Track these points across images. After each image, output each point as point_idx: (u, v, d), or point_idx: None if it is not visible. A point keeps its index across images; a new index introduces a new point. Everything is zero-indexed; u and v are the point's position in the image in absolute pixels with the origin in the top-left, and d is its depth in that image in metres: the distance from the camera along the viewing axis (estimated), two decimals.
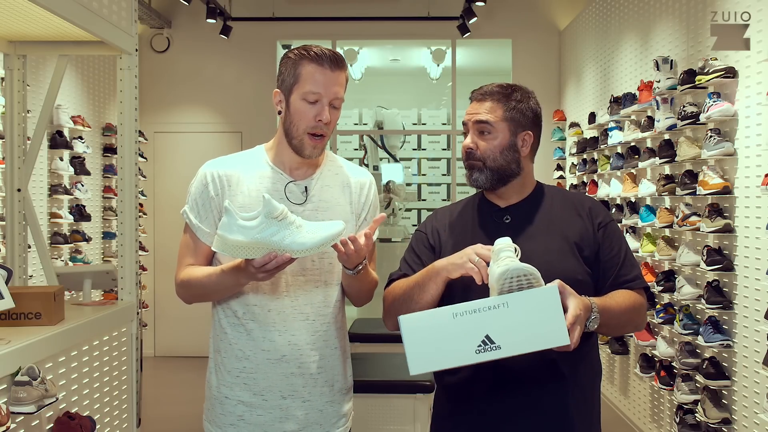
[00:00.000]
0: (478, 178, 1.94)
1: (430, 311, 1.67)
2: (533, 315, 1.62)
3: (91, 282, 3.60)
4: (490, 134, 1.93)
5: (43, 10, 2.86)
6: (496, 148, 1.93)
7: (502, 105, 1.94)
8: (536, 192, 2.01)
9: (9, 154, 3.79)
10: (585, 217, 1.95)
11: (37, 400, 2.50)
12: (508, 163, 1.93)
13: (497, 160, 1.93)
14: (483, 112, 1.93)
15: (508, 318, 1.62)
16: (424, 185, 10.25)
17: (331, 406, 2.01)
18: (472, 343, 1.61)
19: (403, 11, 7.49)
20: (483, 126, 1.93)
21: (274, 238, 1.72)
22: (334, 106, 1.95)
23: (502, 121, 1.93)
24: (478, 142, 1.94)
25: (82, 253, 5.96)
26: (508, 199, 1.98)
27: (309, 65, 1.91)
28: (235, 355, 1.98)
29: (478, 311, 1.62)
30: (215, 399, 2.02)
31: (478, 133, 1.94)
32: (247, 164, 2.02)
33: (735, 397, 3.64)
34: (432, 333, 1.63)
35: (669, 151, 4.24)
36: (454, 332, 1.62)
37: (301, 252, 1.73)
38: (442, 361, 1.64)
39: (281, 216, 1.73)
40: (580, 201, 2.00)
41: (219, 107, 7.66)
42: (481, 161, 1.93)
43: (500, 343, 1.61)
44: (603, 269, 1.92)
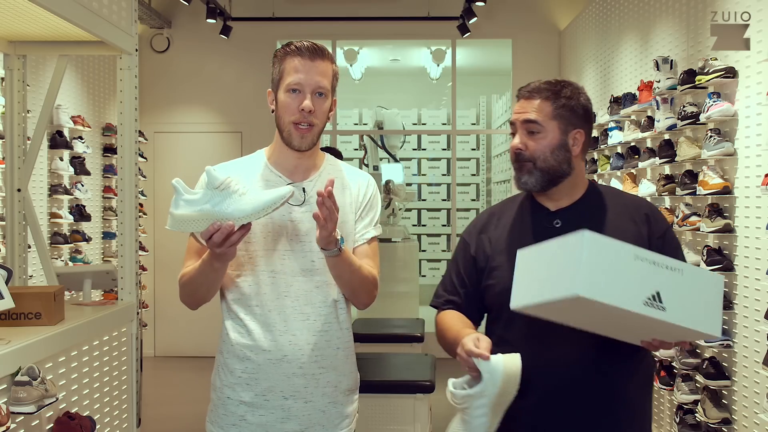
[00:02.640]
0: (528, 181, 1.86)
1: (617, 242, 1.60)
2: (700, 293, 1.60)
3: (91, 282, 3.60)
4: (539, 134, 1.85)
5: (43, 10, 2.86)
6: (546, 148, 1.85)
7: (551, 102, 1.86)
8: (588, 193, 1.93)
9: (9, 154, 3.79)
10: (640, 224, 1.87)
11: (37, 400, 2.50)
12: (559, 164, 1.86)
13: (548, 160, 1.85)
14: (531, 111, 1.86)
15: (680, 285, 1.60)
16: (424, 185, 10.26)
17: (333, 407, 2.01)
18: (643, 292, 1.58)
19: (403, 11, 7.49)
20: (532, 125, 1.85)
21: (216, 208, 1.74)
22: (320, 94, 1.95)
23: (552, 120, 1.85)
24: (528, 142, 1.86)
25: (82, 253, 5.96)
26: (559, 200, 1.90)
27: (290, 59, 1.95)
28: (237, 355, 1.98)
29: (658, 264, 1.60)
30: (218, 399, 2.02)
31: (527, 132, 1.86)
32: (247, 169, 2.04)
33: (735, 397, 3.64)
34: (613, 263, 1.58)
35: (669, 151, 4.24)
36: (632, 272, 1.58)
37: (243, 218, 1.74)
38: (612, 295, 1.56)
39: (223, 186, 1.75)
40: (637, 206, 1.92)
41: (219, 107, 7.66)
42: (531, 162, 1.85)
43: (666, 305, 1.58)
44: None
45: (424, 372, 3.87)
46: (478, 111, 10.23)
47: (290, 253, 1.96)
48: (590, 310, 1.60)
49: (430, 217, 10.25)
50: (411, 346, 4.81)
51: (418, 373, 3.87)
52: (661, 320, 1.58)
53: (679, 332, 1.64)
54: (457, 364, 1.81)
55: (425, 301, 8.21)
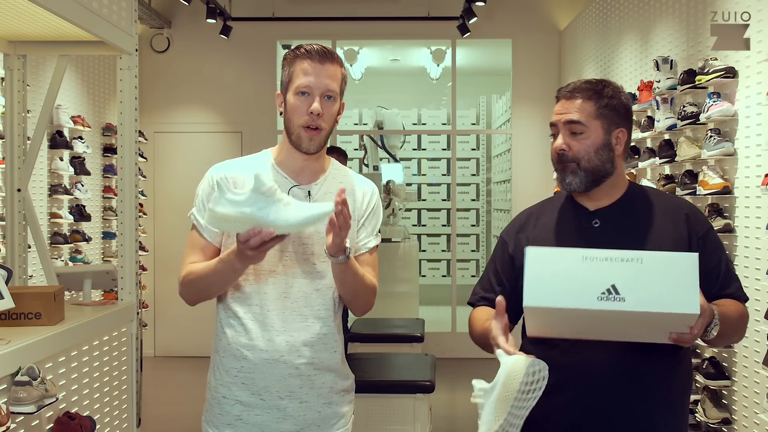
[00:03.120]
0: (572, 182, 1.85)
1: (561, 250, 1.65)
2: (667, 276, 1.58)
3: (91, 282, 3.60)
4: (582, 134, 1.84)
5: (43, 10, 2.86)
6: (590, 148, 1.84)
7: (593, 102, 1.85)
8: (628, 194, 1.92)
9: (9, 154, 3.79)
10: (681, 224, 1.85)
11: (37, 400, 2.50)
12: (603, 163, 1.85)
13: (592, 160, 1.84)
14: (574, 111, 1.85)
15: (639, 273, 1.59)
16: (424, 185, 10.26)
17: (329, 408, 2.01)
18: (596, 289, 1.59)
19: (403, 11, 7.48)
20: (575, 126, 1.84)
21: (259, 213, 1.72)
22: (328, 97, 1.96)
23: (595, 119, 1.84)
24: (571, 143, 1.85)
25: (82, 253, 5.96)
26: (598, 200, 1.89)
27: (300, 62, 1.96)
28: (234, 354, 1.98)
29: (610, 260, 1.60)
30: (213, 399, 2.02)
31: (570, 133, 1.85)
32: (253, 167, 2.03)
33: (735, 397, 3.64)
34: (557, 269, 1.61)
35: (669, 151, 4.24)
36: (581, 275, 1.60)
37: (285, 228, 1.73)
38: (560, 299, 1.60)
39: (269, 192, 1.73)
40: (677, 206, 1.90)
41: (219, 107, 7.66)
42: (575, 162, 1.84)
43: (625, 296, 1.58)
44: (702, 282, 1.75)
45: (424, 372, 3.87)
46: (478, 111, 10.23)
47: (293, 255, 1.97)
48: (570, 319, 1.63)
49: (430, 217, 10.25)
50: (411, 346, 4.81)
51: (418, 373, 3.87)
52: (626, 311, 1.58)
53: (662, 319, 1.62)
54: (457, 365, 1.81)
55: (425, 301, 8.29)
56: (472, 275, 9.93)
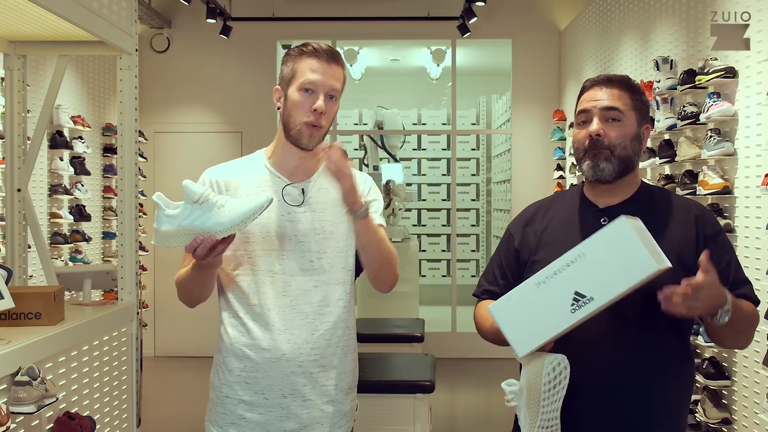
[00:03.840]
0: (605, 168, 1.81)
1: (515, 291, 1.66)
2: (612, 254, 1.59)
3: (91, 282, 3.60)
4: (620, 122, 1.82)
5: (43, 10, 2.86)
6: (626, 137, 1.82)
7: (628, 94, 1.84)
8: (639, 193, 1.90)
9: (9, 154, 3.79)
10: (690, 226, 1.83)
11: (37, 400, 2.50)
12: (634, 154, 1.84)
13: (627, 149, 1.82)
14: (612, 99, 1.82)
15: (589, 267, 1.60)
16: (424, 185, 10.26)
17: (332, 405, 2.01)
18: (565, 305, 1.60)
19: (403, 11, 7.49)
20: (614, 112, 1.82)
21: (196, 223, 1.76)
22: (331, 96, 1.98)
23: (631, 110, 1.83)
24: (607, 130, 1.81)
25: (82, 253, 5.96)
26: (611, 198, 1.87)
27: (306, 59, 1.97)
28: (236, 354, 1.98)
29: (559, 272, 1.61)
30: (217, 398, 2.03)
31: (605, 120, 1.82)
32: (246, 169, 2.05)
33: (735, 397, 3.64)
34: (524, 310, 1.63)
35: (669, 151, 4.24)
36: (545, 301, 1.61)
37: (223, 231, 1.76)
38: (544, 332, 1.62)
39: (201, 199, 1.76)
40: (687, 208, 1.87)
41: (219, 107, 7.66)
42: (609, 150, 1.81)
43: (592, 295, 1.59)
44: None
45: (424, 372, 3.87)
46: (478, 111, 10.23)
47: (289, 253, 1.97)
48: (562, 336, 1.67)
49: (430, 217, 10.25)
50: (411, 346, 4.81)
51: (418, 373, 3.87)
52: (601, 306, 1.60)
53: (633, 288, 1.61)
54: (457, 365, 1.81)
55: (425, 301, 8.29)
56: (472, 275, 9.93)
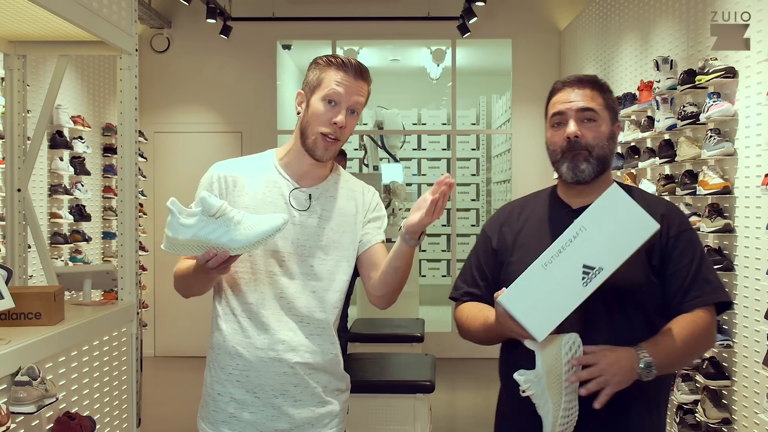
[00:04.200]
0: (585, 169, 1.81)
1: (522, 277, 1.65)
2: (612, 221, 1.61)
3: (91, 282, 3.60)
4: (595, 122, 1.82)
5: (43, 10, 2.86)
6: (603, 136, 1.82)
7: (600, 93, 1.85)
8: None
9: (9, 154, 3.79)
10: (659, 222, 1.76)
11: (37, 400, 2.50)
12: (609, 153, 1.84)
13: (604, 148, 1.82)
14: (586, 99, 1.83)
15: (593, 238, 1.61)
16: (424, 185, 10.26)
17: (323, 407, 2.02)
18: (576, 279, 1.60)
19: (403, 11, 7.48)
20: (589, 113, 1.82)
21: (211, 236, 1.76)
22: (352, 111, 1.97)
23: (605, 109, 1.84)
24: (584, 131, 1.82)
25: (82, 253, 5.96)
26: (585, 198, 1.84)
27: (335, 70, 1.96)
28: (229, 352, 1.99)
29: (563, 249, 1.62)
30: (209, 396, 2.04)
31: (581, 121, 1.82)
32: (255, 167, 2.05)
33: (735, 397, 3.64)
34: (536, 293, 1.62)
35: (669, 151, 4.24)
36: (555, 280, 1.61)
37: (237, 249, 1.76)
38: (560, 311, 1.62)
39: (218, 213, 1.76)
40: (655, 205, 1.83)
41: (219, 107, 7.66)
42: (587, 150, 1.81)
43: (600, 265, 1.60)
44: (670, 282, 1.78)
45: (424, 372, 3.87)
46: (478, 111, 10.22)
47: (291, 256, 1.98)
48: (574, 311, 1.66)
49: None
50: (411, 346, 4.81)
51: (418, 373, 3.87)
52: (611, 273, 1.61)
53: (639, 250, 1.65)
54: (457, 365, 1.81)
55: (425, 301, 8.29)
56: None
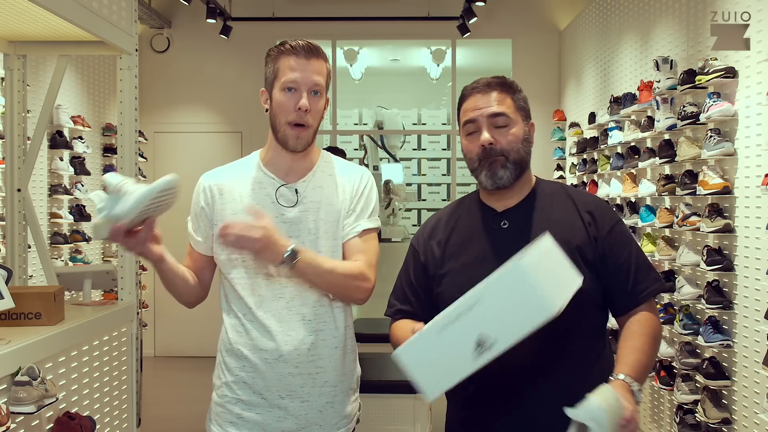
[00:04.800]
0: (504, 176, 1.79)
1: (418, 335, 1.60)
2: (509, 299, 1.53)
3: (91, 282, 3.60)
4: (507, 126, 1.79)
5: (43, 10, 2.86)
6: (517, 140, 1.80)
7: (509, 95, 1.82)
8: (535, 190, 1.88)
9: (9, 154, 3.79)
10: (587, 219, 1.81)
11: (37, 400, 2.50)
12: (526, 155, 1.82)
13: (520, 152, 1.80)
14: (496, 104, 1.80)
15: (489, 312, 1.54)
16: (424, 185, 10.25)
17: (331, 407, 2.00)
18: (469, 349, 1.55)
19: (403, 11, 7.48)
20: (500, 118, 1.79)
21: (111, 212, 1.79)
22: (315, 92, 1.95)
23: (516, 111, 1.81)
24: (497, 136, 1.78)
25: (82, 253, 5.96)
26: (507, 200, 1.85)
27: (285, 57, 1.95)
28: (235, 354, 1.99)
29: (460, 317, 1.56)
30: (217, 398, 2.04)
31: (494, 127, 1.79)
32: (240, 171, 2.05)
33: (735, 397, 3.64)
34: (430, 355, 1.59)
35: (669, 151, 4.24)
36: (449, 346, 1.57)
37: (129, 214, 1.77)
38: (451, 376, 1.59)
39: (115, 189, 1.79)
40: (582, 200, 1.85)
41: (219, 107, 7.66)
42: (504, 156, 1.78)
43: (494, 338, 1.54)
44: (613, 279, 1.79)
45: None
46: None
47: None
48: None
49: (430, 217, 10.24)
50: None
51: None
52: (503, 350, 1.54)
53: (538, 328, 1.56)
54: None
55: None
56: None
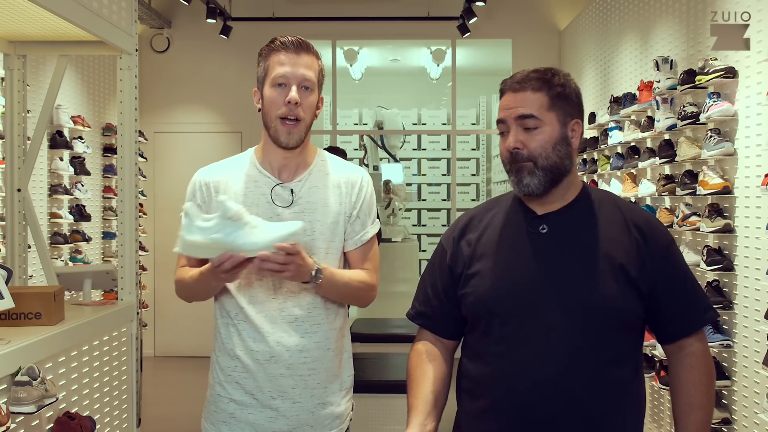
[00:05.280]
0: (531, 183, 1.64)
1: None
2: None
3: (91, 282, 3.59)
4: (537, 129, 1.64)
5: (43, 10, 2.86)
6: (547, 144, 1.63)
7: (544, 92, 1.65)
8: (581, 197, 1.71)
9: (9, 154, 3.78)
10: (636, 235, 1.66)
11: (37, 400, 2.50)
12: (561, 160, 1.65)
13: (550, 157, 1.64)
14: (525, 104, 1.64)
15: None
16: (424, 185, 10.26)
17: (323, 408, 2.00)
18: None
19: (403, 11, 7.48)
20: (528, 120, 1.64)
21: (228, 238, 1.77)
22: (305, 87, 1.95)
23: (549, 111, 1.64)
24: (525, 140, 1.64)
25: (82, 253, 5.96)
26: (550, 204, 1.69)
27: (275, 54, 1.95)
28: (228, 354, 1.99)
29: None
30: (211, 396, 2.05)
31: (523, 129, 1.64)
32: (236, 168, 2.04)
33: (735, 397, 3.64)
34: None
35: (669, 151, 4.24)
36: None
37: (253, 251, 1.78)
38: None
39: (236, 216, 1.77)
40: (632, 215, 1.69)
41: (219, 107, 7.66)
42: (532, 161, 1.63)
43: None
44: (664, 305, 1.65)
45: None
46: (478, 111, 10.23)
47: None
48: None
49: (430, 217, 10.25)
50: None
51: None
52: None
53: None
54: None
55: None
56: None
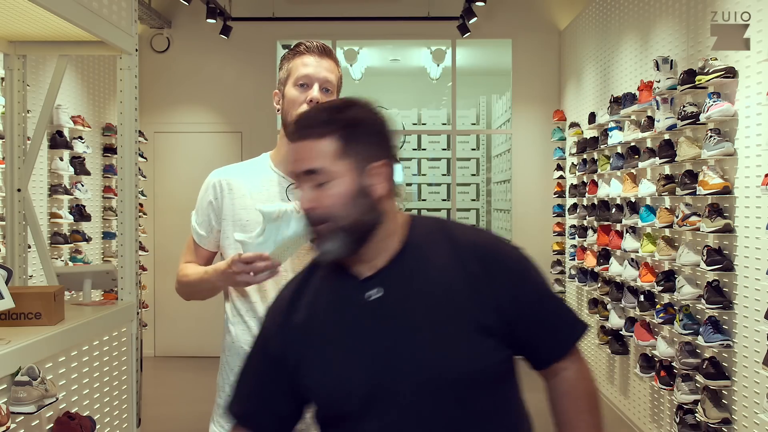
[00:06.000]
0: (332, 248, 1.37)
1: None
2: None
3: (91, 282, 3.59)
4: (327, 183, 1.36)
5: (43, 10, 2.86)
6: (343, 199, 1.36)
7: (334, 137, 1.36)
8: (409, 242, 1.42)
9: (9, 154, 3.78)
10: (475, 269, 1.38)
11: (37, 400, 2.50)
12: (363, 215, 1.37)
13: (351, 214, 1.36)
14: (309, 156, 1.37)
15: None
16: (424, 185, 10.26)
17: None
18: None
19: (403, 11, 7.49)
20: (316, 176, 1.37)
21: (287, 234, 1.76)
22: (326, 89, 2.00)
23: (341, 160, 1.36)
24: (317, 198, 1.37)
25: (82, 253, 5.96)
26: (372, 260, 1.40)
27: (299, 57, 2.02)
28: (238, 353, 1.98)
29: None
30: (220, 399, 2.03)
31: (314, 186, 1.37)
32: (251, 170, 2.07)
33: (735, 397, 3.64)
34: None
35: (669, 151, 4.24)
36: None
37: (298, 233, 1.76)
38: None
39: (278, 214, 1.77)
40: (466, 247, 1.41)
41: (219, 107, 7.66)
42: (330, 221, 1.37)
43: None
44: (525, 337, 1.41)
45: None
46: (478, 111, 10.23)
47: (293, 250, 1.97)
48: None
49: None
50: None
51: None
52: None
53: None
54: None
55: None
56: None
